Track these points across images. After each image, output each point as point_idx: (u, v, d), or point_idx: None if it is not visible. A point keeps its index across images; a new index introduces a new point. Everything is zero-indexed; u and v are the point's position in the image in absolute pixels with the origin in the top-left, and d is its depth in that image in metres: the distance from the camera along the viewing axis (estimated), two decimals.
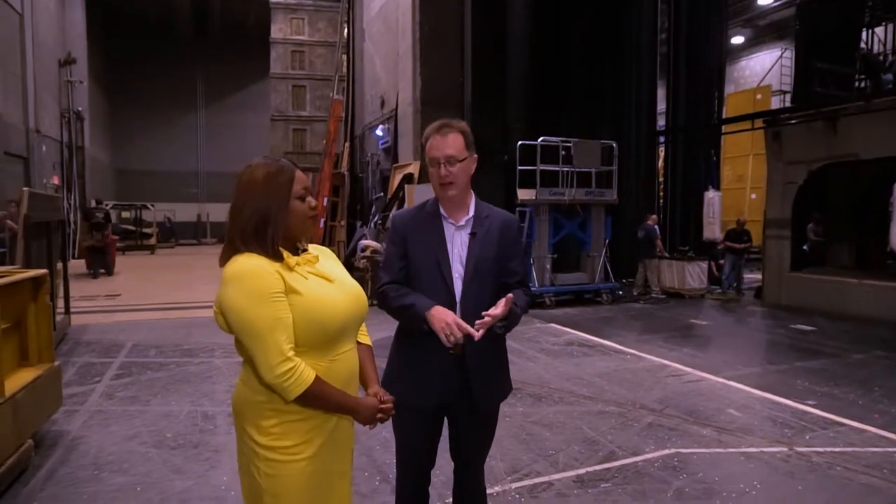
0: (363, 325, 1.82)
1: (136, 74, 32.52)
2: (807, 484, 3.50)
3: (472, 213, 2.12)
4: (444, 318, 1.90)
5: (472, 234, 2.10)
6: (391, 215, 2.33)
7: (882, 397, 5.29)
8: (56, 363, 4.22)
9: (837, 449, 4.03)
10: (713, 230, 12.13)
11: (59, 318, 7.45)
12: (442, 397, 2.06)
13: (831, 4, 11.42)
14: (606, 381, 5.70)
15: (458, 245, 2.09)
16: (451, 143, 2.04)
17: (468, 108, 12.31)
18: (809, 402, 5.09)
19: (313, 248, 1.73)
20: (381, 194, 14.67)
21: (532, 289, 10.74)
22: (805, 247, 11.32)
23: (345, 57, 19.60)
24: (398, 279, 2.07)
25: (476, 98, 12.29)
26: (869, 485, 3.48)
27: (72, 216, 18.63)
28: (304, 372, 1.53)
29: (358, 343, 1.78)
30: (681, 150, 13.69)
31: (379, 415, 1.70)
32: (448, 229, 2.10)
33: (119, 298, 10.85)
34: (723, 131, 14.81)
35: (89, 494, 3.33)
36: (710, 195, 12.28)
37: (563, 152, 10.64)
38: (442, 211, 2.11)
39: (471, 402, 2.08)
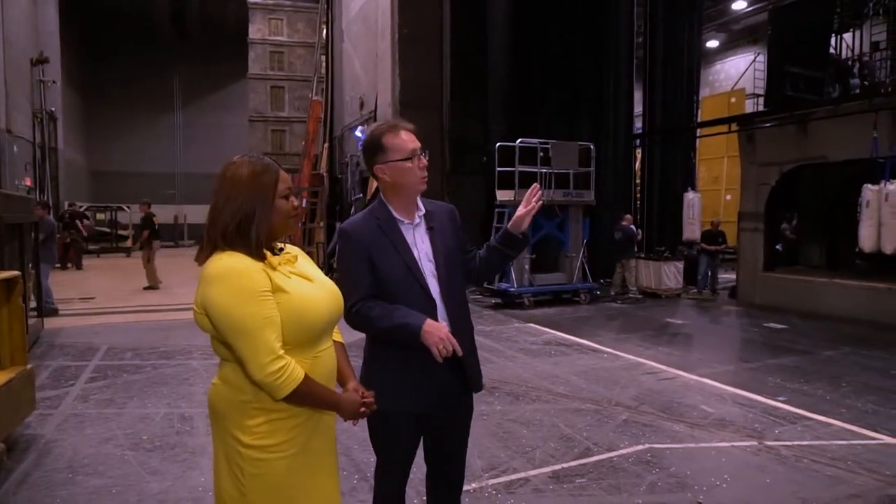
0: None
1: (112, 74, 32.06)
2: (775, 476, 3.60)
3: (423, 209, 2.12)
4: (437, 335, 1.90)
5: (431, 229, 2.11)
6: (341, 228, 2.22)
7: (850, 393, 5.44)
8: (29, 366, 4.16)
9: (805, 442, 4.15)
10: (693, 230, 12.33)
11: (31, 320, 7.34)
12: (438, 397, 2.06)
13: (802, 10, 11.71)
14: (583, 379, 5.78)
15: (419, 243, 2.08)
16: (416, 137, 2.08)
17: (447, 109, 12.36)
18: (780, 398, 5.22)
19: (289, 248, 1.74)
20: (361, 195, 14.67)
21: (511, 289, 10.83)
22: (778, 246, 11.56)
23: (324, 58, 19.55)
24: (369, 294, 2.00)
25: (455, 99, 12.35)
26: (834, 476, 3.59)
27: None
28: (295, 370, 1.53)
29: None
30: (657, 153, 13.90)
31: (362, 409, 1.72)
32: (406, 231, 2.08)
33: (94, 301, 10.69)
34: (699, 134, 15.07)
35: (64, 498, 3.30)
36: (690, 196, 12.48)
37: (542, 154, 10.73)
38: (395, 214, 2.07)
39: (466, 391, 2.13)
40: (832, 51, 12.21)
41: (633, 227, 11.99)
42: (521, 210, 2.15)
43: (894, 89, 8.90)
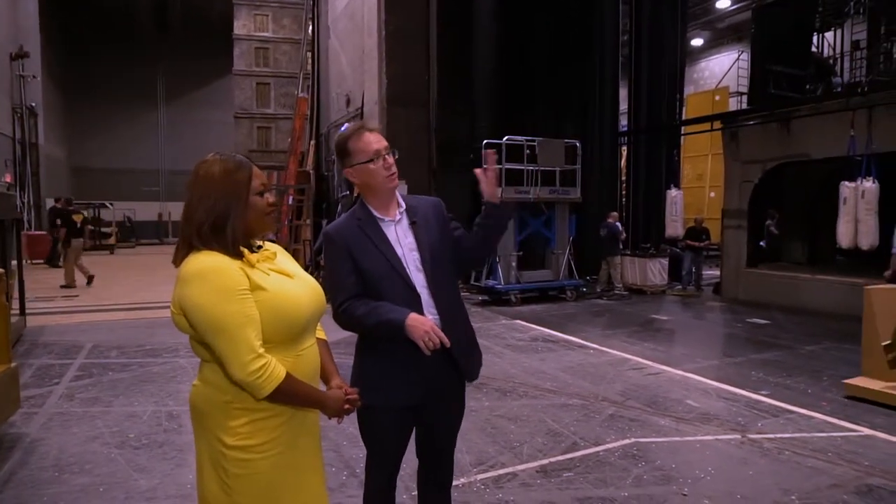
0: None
1: (93, 69, 31.65)
2: (758, 468, 3.67)
3: (403, 205, 2.15)
4: (421, 328, 1.92)
5: (414, 223, 2.12)
6: (325, 231, 2.28)
7: (830, 386, 5.54)
8: (13, 364, 4.12)
9: (787, 435, 4.23)
10: (675, 228, 12.46)
11: (14, 318, 7.25)
12: (428, 390, 2.08)
13: (785, 9, 11.84)
14: (570, 375, 5.83)
15: (402, 239, 2.10)
16: (382, 137, 2.10)
17: (434, 106, 12.35)
18: (763, 392, 5.31)
19: (268, 245, 1.72)
20: (347, 192, 14.60)
21: (498, 286, 10.84)
22: (762, 242, 11.71)
23: (310, 54, 19.44)
24: (354, 293, 2.04)
25: (442, 97, 12.35)
26: (814, 467, 3.67)
27: (25, 215, 18.07)
28: (276, 368, 1.52)
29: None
30: (643, 150, 14.01)
31: (346, 406, 1.72)
32: (388, 228, 2.10)
33: (77, 299, 10.57)
34: (683, 132, 15.21)
35: (51, 496, 3.28)
36: (673, 194, 12.59)
37: (528, 151, 10.78)
38: (375, 213, 2.11)
39: (457, 385, 2.15)
40: (814, 49, 12.38)
41: (618, 224, 12.09)
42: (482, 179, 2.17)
43: (871, 89, 9.04)
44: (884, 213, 8.64)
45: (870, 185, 8.61)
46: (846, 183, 8.88)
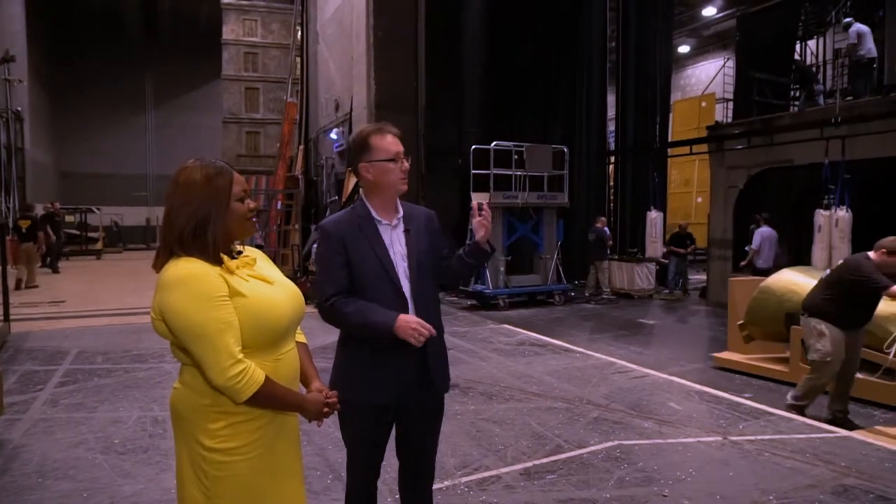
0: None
1: (81, 73, 31.47)
2: (738, 469, 3.72)
3: (402, 211, 2.20)
4: (409, 326, 1.97)
5: (407, 231, 2.18)
6: (321, 224, 2.35)
7: None
8: None
9: (767, 437, 4.29)
10: (655, 248, 12.52)
11: None
12: (402, 392, 2.12)
13: (769, 18, 12.03)
14: (556, 378, 5.88)
15: (396, 244, 2.16)
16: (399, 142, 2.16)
17: (422, 112, 12.40)
18: (745, 395, 5.38)
19: (248, 251, 1.74)
20: (336, 198, 14.63)
21: (486, 291, 10.89)
22: (747, 248, 11.84)
23: (298, 59, 19.47)
24: (344, 288, 2.09)
25: (430, 102, 12.40)
26: (793, 468, 3.73)
27: (10, 220, 17.90)
28: (255, 373, 1.54)
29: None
30: (630, 161, 14.13)
31: (325, 409, 1.74)
32: (384, 231, 2.15)
33: (63, 305, 10.50)
34: (669, 149, 15.31)
35: (33, 502, 3.27)
36: (653, 215, 12.60)
37: (516, 156, 10.86)
38: (374, 214, 2.16)
39: (430, 390, 2.17)
40: (797, 57, 12.58)
41: (606, 229, 12.18)
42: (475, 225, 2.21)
43: (844, 120, 9.20)
44: (863, 219, 8.81)
45: (843, 213, 8.82)
46: (821, 211, 9.08)
